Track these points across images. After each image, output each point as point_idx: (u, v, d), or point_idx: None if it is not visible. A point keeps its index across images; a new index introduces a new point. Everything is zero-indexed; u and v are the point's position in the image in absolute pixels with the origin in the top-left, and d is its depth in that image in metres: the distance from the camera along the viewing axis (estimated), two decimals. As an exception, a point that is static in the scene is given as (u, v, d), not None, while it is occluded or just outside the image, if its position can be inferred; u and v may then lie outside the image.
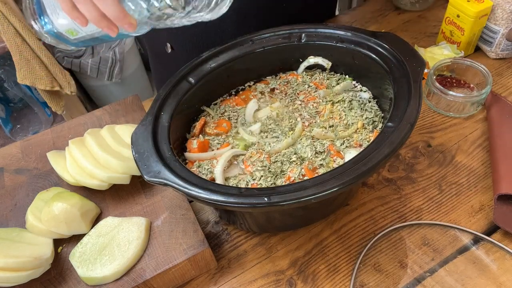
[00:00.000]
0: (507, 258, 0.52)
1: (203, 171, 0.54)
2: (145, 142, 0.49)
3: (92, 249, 0.51)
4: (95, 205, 0.56)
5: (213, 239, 0.58)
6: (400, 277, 0.52)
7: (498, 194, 0.55)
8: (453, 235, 0.55)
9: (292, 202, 0.40)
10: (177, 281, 0.53)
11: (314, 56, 0.63)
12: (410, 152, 0.66)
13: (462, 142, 0.66)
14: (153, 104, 0.54)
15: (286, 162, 0.53)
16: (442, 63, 0.71)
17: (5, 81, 1.66)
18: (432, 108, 0.71)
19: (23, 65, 1.20)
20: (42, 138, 0.68)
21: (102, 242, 0.52)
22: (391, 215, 0.58)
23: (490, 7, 0.72)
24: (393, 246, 0.55)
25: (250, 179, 0.52)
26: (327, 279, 0.53)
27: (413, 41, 0.85)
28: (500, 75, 0.75)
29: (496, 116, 0.65)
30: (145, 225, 0.52)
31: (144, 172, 0.45)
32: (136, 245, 0.50)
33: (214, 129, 0.58)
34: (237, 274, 0.55)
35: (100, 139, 0.59)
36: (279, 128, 0.58)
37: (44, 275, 0.51)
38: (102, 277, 0.48)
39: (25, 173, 0.63)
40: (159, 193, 0.58)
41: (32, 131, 1.74)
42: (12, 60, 1.20)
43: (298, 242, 0.57)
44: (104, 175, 0.55)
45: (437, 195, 0.60)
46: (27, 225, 0.54)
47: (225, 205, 0.42)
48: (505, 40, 0.74)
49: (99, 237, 0.52)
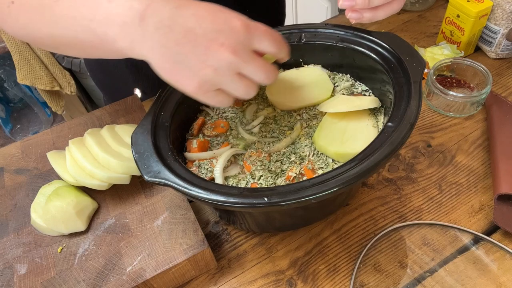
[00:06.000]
0: (507, 258, 0.52)
1: (203, 171, 0.54)
2: (145, 142, 0.49)
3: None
4: (91, 200, 0.57)
5: (213, 239, 0.58)
6: (400, 277, 0.52)
7: (498, 194, 0.55)
8: (453, 235, 0.55)
9: (292, 202, 0.40)
10: (177, 281, 0.53)
11: (314, 64, 0.63)
12: (410, 152, 0.66)
13: (462, 142, 0.66)
14: (153, 104, 0.54)
15: (286, 161, 0.53)
16: (442, 63, 0.71)
17: (5, 81, 1.66)
18: (432, 108, 0.71)
19: (23, 65, 1.20)
20: (42, 138, 0.68)
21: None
22: (391, 215, 0.58)
23: (490, 7, 0.72)
24: (393, 246, 0.55)
25: (250, 179, 0.52)
26: (327, 279, 0.53)
27: (413, 41, 0.85)
28: (500, 75, 0.75)
29: (496, 116, 0.65)
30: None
31: (144, 172, 0.45)
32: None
33: (212, 131, 0.58)
34: (237, 274, 0.55)
35: (100, 139, 0.59)
36: (278, 128, 0.58)
37: (44, 275, 0.51)
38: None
39: (25, 173, 0.63)
40: (159, 193, 0.58)
41: (32, 131, 1.74)
42: (12, 60, 1.20)
43: (298, 242, 0.57)
44: (104, 175, 0.55)
45: (437, 195, 0.60)
46: (31, 222, 0.55)
47: (225, 205, 0.42)
48: (505, 40, 0.74)
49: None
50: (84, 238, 0.54)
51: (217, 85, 0.39)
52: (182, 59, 0.38)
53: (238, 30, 0.38)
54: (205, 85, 0.39)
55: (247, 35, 0.38)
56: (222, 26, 0.38)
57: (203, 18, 0.38)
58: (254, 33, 0.39)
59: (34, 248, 0.54)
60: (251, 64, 0.39)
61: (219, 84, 0.39)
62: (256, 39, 0.39)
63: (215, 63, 0.38)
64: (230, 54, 0.37)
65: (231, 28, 0.38)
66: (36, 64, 1.21)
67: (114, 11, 0.38)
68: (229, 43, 0.37)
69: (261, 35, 0.39)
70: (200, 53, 0.37)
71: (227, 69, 0.38)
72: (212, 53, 0.37)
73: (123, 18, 0.37)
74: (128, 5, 0.37)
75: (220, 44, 0.37)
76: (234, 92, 0.41)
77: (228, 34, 0.38)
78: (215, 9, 0.39)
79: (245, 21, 0.39)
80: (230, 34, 0.38)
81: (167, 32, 0.37)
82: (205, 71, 0.38)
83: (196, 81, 0.38)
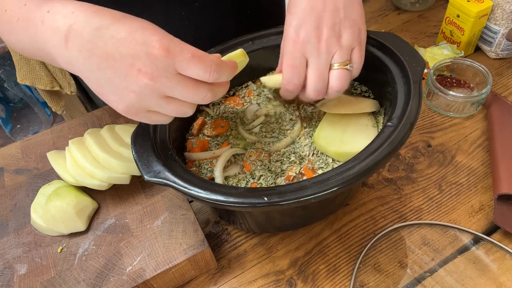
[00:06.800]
0: (507, 258, 0.52)
1: (203, 171, 0.54)
2: (145, 142, 0.49)
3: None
4: (91, 200, 0.57)
5: (213, 239, 0.58)
6: (400, 277, 0.52)
7: (498, 194, 0.55)
8: (453, 235, 0.55)
9: (292, 202, 0.40)
10: (177, 281, 0.53)
11: None
12: (410, 152, 0.66)
13: (462, 142, 0.66)
14: (153, 104, 0.54)
15: (286, 161, 0.53)
16: (442, 63, 0.71)
17: (5, 81, 1.66)
18: (432, 108, 0.71)
19: (23, 65, 1.20)
20: (42, 138, 0.68)
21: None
22: (391, 215, 0.58)
23: (490, 7, 0.72)
24: (393, 246, 0.55)
25: (249, 179, 0.52)
26: (327, 279, 0.53)
27: (413, 41, 0.85)
28: (500, 75, 0.75)
29: (496, 116, 0.65)
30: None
31: (144, 172, 0.45)
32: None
33: (213, 131, 0.58)
34: (237, 274, 0.55)
35: (100, 139, 0.59)
36: (278, 128, 0.58)
37: (44, 275, 0.51)
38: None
39: (25, 173, 0.63)
40: (159, 193, 0.58)
41: (32, 131, 1.74)
42: (12, 60, 1.20)
43: (298, 242, 0.57)
44: (104, 175, 0.55)
45: (437, 195, 0.60)
46: (31, 222, 0.55)
47: (225, 204, 0.42)
48: (505, 40, 0.74)
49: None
50: (84, 238, 0.54)
51: (145, 108, 0.39)
52: (106, 83, 0.37)
53: (156, 55, 0.36)
54: (132, 109, 0.39)
55: (167, 60, 0.36)
56: (139, 50, 0.36)
57: (121, 42, 0.36)
58: (177, 58, 0.37)
59: (34, 248, 0.54)
60: (177, 87, 0.37)
61: (146, 107, 0.39)
62: (180, 64, 0.37)
63: (136, 89, 0.37)
64: (149, 81, 0.36)
65: (148, 53, 0.36)
66: (36, 64, 1.21)
67: (46, 34, 0.39)
68: (146, 70, 0.36)
69: (186, 60, 0.37)
70: (121, 79, 0.37)
71: (149, 95, 0.37)
72: (131, 79, 0.36)
73: (53, 41, 0.38)
74: (55, 27, 0.38)
75: (137, 70, 0.36)
76: (166, 113, 0.40)
77: (144, 59, 0.36)
78: (135, 29, 0.37)
79: (167, 45, 0.36)
80: (146, 60, 0.36)
81: (89, 56, 0.37)
82: (129, 96, 0.37)
83: (123, 105, 0.38)
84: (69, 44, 0.37)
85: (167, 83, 0.37)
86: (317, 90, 0.47)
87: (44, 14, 0.39)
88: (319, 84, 0.47)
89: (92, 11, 0.37)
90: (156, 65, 0.36)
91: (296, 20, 0.46)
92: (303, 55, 0.46)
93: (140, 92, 0.37)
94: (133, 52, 0.36)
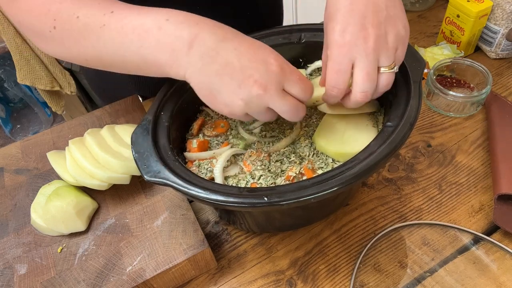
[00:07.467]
0: (507, 258, 0.52)
1: (203, 171, 0.54)
2: (145, 142, 0.49)
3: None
4: (91, 200, 0.57)
5: (213, 239, 0.58)
6: (400, 277, 0.52)
7: (498, 194, 0.55)
8: (453, 235, 0.55)
9: (292, 202, 0.40)
10: (177, 281, 0.53)
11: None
12: (410, 152, 0.66)
13: (462, 142, 0.66)
14: (153, 104, 0.54)
15: (286, 161, 0.53)
16: (442, 63, 0.71)
17: (5, 81, 1.66)
18: (432, 108, 0.71)
19: (23, 65, 1.20)
20: (42, 138, 0.68)
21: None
22: (391, 215, 0.58)
23: (490, 7, 0.72)
24: (393, 246, 0.55)
25: (249, 179, 0.52)
26: (327, 279, 0.53)
27: (413, 41, 0.85)
28: (500, 75, 0.75)
29: (496, 116, 0.65)
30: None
31: (144, 172, 0.45)
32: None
33: (212, 130, 0.58)
34: (237, 274, 0.55)
35: (100, 139, 0.59)
36: (278, 127, 0.58)
37: (44, 275, 0.51)
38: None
39: (25, 173, 0.63)
40: (159, 193, 0.58)
41: (32, 131, 1.74)
42: (12, 60, 1.20)
43: (298, 242, 0.57)
44: (104, 175, 0.55)
45: (437, 195, 0.60)
46: (31, 222, 0.55)
47: (225, 204, 0.42)
48: (505, 40, 0.74)
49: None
50: (84, 238, 0.54)
51: (246, 113, 0.44)
52: (219, 88, 0.42)
53: (273, 70, 0.41)
54: (236, 114, 0.44)
55: (280, 77, 0.42)
56: (259, 64, 0.41)
57: (243, 54, 0.41)
58: (288, 77, 0.42)
59: (34, 248, 0.54)
60: (279, 101, 0.42)
61: (248, 113, 0.44)
62: (289, 82, 0.43)
63: (246, 97, 0.41)
64: (261, 91, 0.41)
65: (267, 68, 0.41)
66: (36, 64, 1.21)
67: (163, 40, 0.42)
68: (261, 81, 0.41)
69: (294, 80, 0.43)
70: (235, 85, 0.41)
71: (256, 103, 0.42)
72: (245, 87, 0.41)
73: (172, 46, 0.41)
74: (178, 34, 0.41)
75: (254, 80, 0.41)
76: (260, 120, 0.46)
77: (263, 72, 0.41)
78: (256, 46, 0.43)
79: (282, 64, 0.42)
80: (265, 73, 0.41)
81: (209, 63, 0.41)
82: (238, 102, 0.42)
83: (228, 110, 0.43)
84: (192, 50, 0.41)
85: (275, 96, 0.42)
86: (364, 91, 0.45)
87: (162, 22, 0.42)
88: (367, 85, 0.45)
89: (213, 24, 0.43)
90: (271, 79, 0.41)
91: (339, 25, 0.44)
92: (350, 60, 0.44)
93: (249, 100, 0.42)
94: (254, 66, 0.41)
